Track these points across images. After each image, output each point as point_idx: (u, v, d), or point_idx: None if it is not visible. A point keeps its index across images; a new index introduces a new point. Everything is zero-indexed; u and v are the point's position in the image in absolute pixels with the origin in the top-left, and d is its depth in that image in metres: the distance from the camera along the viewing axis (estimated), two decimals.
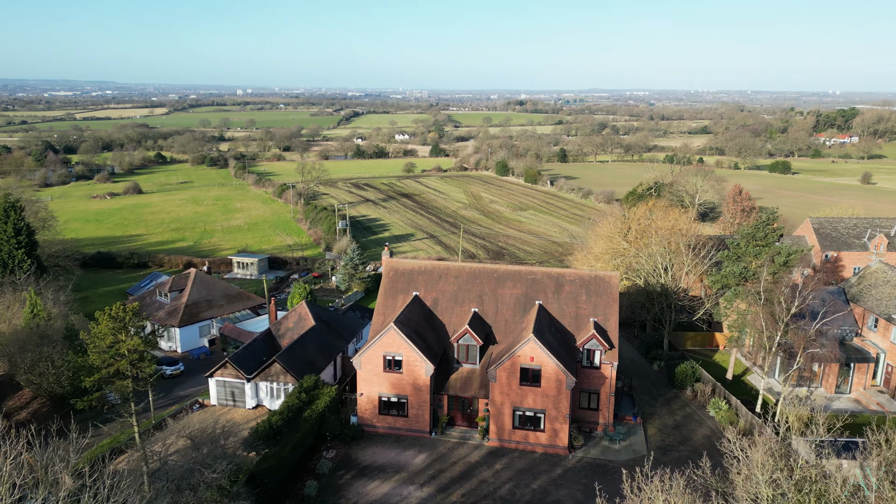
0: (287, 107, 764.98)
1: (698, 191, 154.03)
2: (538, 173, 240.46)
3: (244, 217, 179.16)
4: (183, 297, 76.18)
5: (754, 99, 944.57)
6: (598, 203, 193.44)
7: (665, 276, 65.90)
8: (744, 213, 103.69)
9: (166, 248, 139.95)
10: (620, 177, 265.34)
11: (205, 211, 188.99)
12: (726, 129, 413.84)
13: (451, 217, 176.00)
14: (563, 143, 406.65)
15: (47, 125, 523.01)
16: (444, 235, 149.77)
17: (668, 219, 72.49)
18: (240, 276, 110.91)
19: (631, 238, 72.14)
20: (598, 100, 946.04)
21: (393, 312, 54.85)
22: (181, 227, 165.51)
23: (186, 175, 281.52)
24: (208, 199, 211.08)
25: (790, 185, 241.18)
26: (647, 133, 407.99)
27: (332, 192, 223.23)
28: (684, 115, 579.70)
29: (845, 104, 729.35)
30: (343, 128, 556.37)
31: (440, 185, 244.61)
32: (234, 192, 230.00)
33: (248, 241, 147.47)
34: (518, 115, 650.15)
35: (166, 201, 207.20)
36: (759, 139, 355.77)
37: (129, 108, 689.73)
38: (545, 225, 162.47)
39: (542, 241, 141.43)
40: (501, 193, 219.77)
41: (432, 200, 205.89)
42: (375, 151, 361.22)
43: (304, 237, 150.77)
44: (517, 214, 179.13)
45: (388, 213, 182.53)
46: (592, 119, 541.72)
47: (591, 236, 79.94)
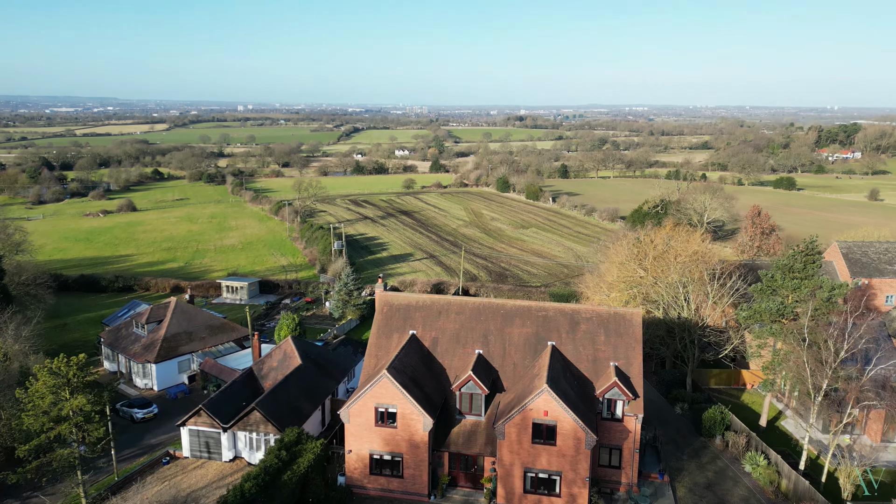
0: (287, 122, 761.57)
1: (707, 209, 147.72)
2: (540, 190, 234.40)
3: (238, 236, 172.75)
4: (161, 330, 69.46)
5: (753, 114, 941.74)
6: (603, 221, 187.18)
7: (688, 309, 59.23)
8: (764, 235, 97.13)
9: (155, 269, 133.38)
10: (623, 193, 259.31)
11: (199, 229, 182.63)
12: (728, 144, 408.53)
13: (451, 235, 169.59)
14: (563, 158, 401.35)
15: (47, 141, 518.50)
16: (444, 255, 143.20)
17: (689, 244, 65.85)
18: (229, 301, 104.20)
19: (648, 265, 65.48)
20: (597, 115, 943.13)
21: (387, 354, 48.19)
22: (173, 246, 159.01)
23: (183, 192, 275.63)
24: (203, 217, 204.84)
25: (797, 201, 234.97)
26: (647, 148, 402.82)
27: (329, 209, 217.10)
28: (684, 131, 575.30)
29: (844, 119, 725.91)
30: (343, 143, 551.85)
31: (440, 201, 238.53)
32: (230, 209, 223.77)
33: (241, 261, 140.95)
34: (518, 130, 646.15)
35: (160, 219, 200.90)
36: (761, 155, 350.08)
37: (129, 123, 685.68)
38: (548, 244, 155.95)
39: (546, 262, 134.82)
40: (503, 210, 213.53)
41: (432, 218, 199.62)
42: (375, 167, 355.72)
43: (298, 257, 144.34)
44: (519, 233, 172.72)
45: (387, 232, 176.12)
46: (592, 134, 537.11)
47: (604, 262, 73.12)
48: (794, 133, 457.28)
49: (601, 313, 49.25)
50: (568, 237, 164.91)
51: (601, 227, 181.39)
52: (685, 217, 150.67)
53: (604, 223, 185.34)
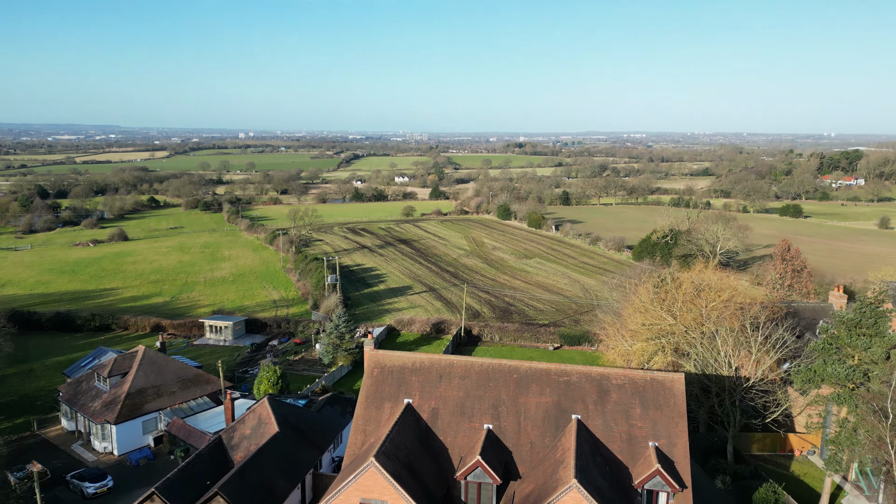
0: (288, 149, 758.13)
1: (719, 239, 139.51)
2: (542, 217, 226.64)
3: (230, 267, 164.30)
4: (125, 384, 60.70)
5: (751, 141, 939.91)
6: (609, 250, 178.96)
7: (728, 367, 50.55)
8: (795, 274, 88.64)
9: (139, 305, 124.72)
10: (628, 221, 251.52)
11: (190, 260, 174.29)
12: (729, 171, 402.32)
13: (451, 266, 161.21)
14: (564, 185, 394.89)
15: (46, 169, 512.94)
16: (444, 288, 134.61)
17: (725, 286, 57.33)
18: (212, 342, 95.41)
19: (677, 311, 56.99)
20: (595, 142, 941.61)
21: (376, 429, 39.53)
22: (161, 278, 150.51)
23: (178, 220, 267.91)
24: (196, 247, 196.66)
25: (806, 229, 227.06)
26: (649, 175, 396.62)
27: (326, 237, 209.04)
28: (684, 157, 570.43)
29: (841, 146, 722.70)
30: (343, 170, 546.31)
31: (440, 229, 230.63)
32: (225, 238, 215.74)
33: (230, 295, 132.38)
34: (518, 157, 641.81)
35: (151, 249, 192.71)
36: (763, 181, 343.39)
37: (130, 151, 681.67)
38: (554, 275, 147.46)
39: (552, 296, 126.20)
40: (504, 239, 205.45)
41: (432, 247, 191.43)
42: (374, 194, 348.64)
43: (291, 290, 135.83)
44: (522, 263, 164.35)
45: (385, 262, 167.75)
46: (592, 161, 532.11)
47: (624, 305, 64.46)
48: (795, 160, 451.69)
49: (635, 379, 40.65)
50: (573, 268, 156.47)
51: (607, 256, 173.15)
52: (696, 247, 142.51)
53: (610, 253, 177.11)
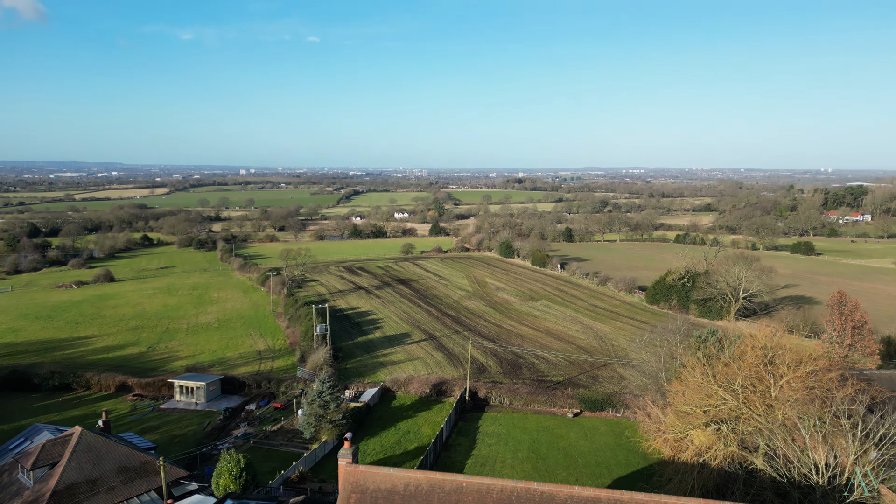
0: (288, 186, 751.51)
1: (742, 282, 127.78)
2: (546, 256, 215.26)
3: (217, 311, 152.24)
4: (52, 479, 48.39)
5: (748, 176, 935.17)
6: (619, 292, 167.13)
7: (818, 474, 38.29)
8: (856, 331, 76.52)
9: (110, 357, 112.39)
10: (634, 259, 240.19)
11: (175, 303, 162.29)
12: (733, 206, 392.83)
13: (453, 309, 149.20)
14: (565, 220, 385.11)
15: (44, 206, 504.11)
16: (445, 336, 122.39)
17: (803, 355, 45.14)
18: (181, 406, 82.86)
19: (738, 387, 44.98)
20: (594, 177, 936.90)
21: None
22: (141, 325, 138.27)
23: (170, 259, 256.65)
24: (184, 288, 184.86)
25: (821, 268, 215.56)
26: (651, 211, 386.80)
27: (322, 277, 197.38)
28: (684, 192, 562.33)
29: (839, 181, 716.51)
30: (342, 206, 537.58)
31: (440, 268, 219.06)
32: (215, 278, 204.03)
33: (212, 344, 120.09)
34: (517, 192, 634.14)
35: (136, 291, 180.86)
36: (769, 217, 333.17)
37: (130, 188, 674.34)
38: (563, 320, 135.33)
39: (564, 345, 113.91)
40: (508, 278, 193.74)
41: (432, 287, 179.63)
42: (373, 231, 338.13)
43: (279, 339, 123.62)
44: (528, 306, 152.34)
45: (382, 305, 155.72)
46: (593, 197, 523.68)
47: (673, 382, 52.11)
48: (799, 195, 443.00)
49: None
50: (583, 312, 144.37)
51: (618, 298, 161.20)
52: (716, 290, 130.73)
53: (621, 294, 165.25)
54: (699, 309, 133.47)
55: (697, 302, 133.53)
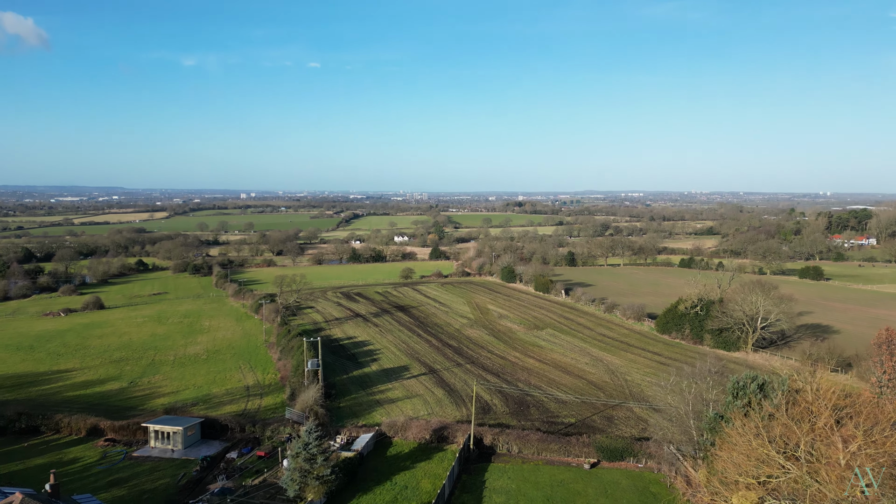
0: (288, 209, 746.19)
1: (760, 311, 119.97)
2: (550, 281, 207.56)
3: (207, 341, 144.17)
4: None
5: (748, 200, 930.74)
6: (627, 319, 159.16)
7: None
8: None
9: (88, 393, 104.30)
10: (640, 284, 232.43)
11: (164, 332, 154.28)
12: (736, 230, 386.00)
13: (454, 339, 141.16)
14: (567, 244, 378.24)
15: (42, 230, 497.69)
16: (446, 369, 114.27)
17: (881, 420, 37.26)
18: (156, 454, 74.53)
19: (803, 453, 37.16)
20: (594, 201, 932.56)
21: None
22: (125, 357, 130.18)
23: (164, 284, 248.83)
24: (175, 316, 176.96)
25: (833, 294, 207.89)
26: (654, 234, 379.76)
27: (319, 304, 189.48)
28: (685, 216, 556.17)
29: (839, 204, 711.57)
30: (342, 230, 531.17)
31: (441, 293, 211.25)
32: (208, 305, 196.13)
33: (198, 379, 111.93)
34: (518, 215, 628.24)
35: (125, 319, 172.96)
36: (773, 241, 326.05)
37: (130, 212, 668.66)
38: (571, 351, 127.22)
39: (573, 380, 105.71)
40: (510, 305, 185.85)
41: (432, 315, 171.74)
42: (372, 255, 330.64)
43: (269, 372, 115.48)
44: (534, 335, 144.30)
45: (380, 334, 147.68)
46: (593, 220, 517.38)
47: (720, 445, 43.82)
48: (801, 219, 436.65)
49: None
50: (592, 342, 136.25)
51: (627, 327, 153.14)
52: (732, 320, 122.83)
53: (629, 322, 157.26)
54: (714, 339, 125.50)
55: (712, 332, 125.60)
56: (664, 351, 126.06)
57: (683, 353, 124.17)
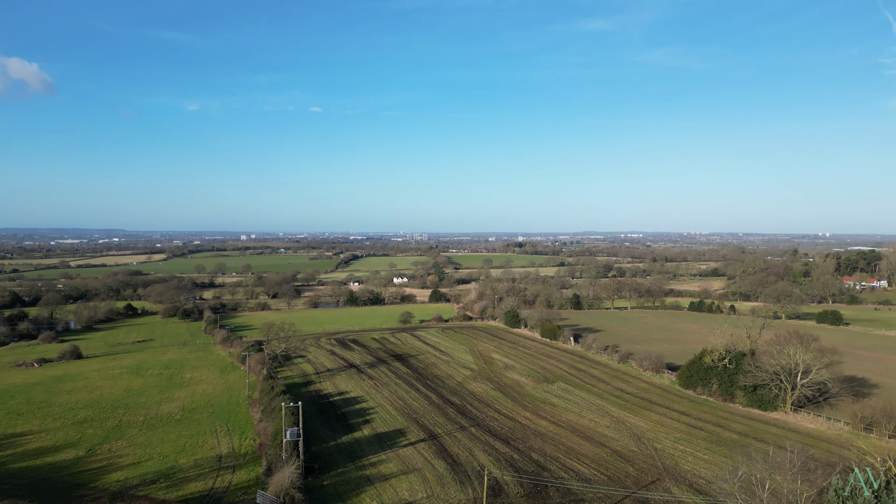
0: (287, 251, 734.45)
1: (799, 365, 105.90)
2: (557, 327, 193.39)
3: (185, 397, 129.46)
4: None
5: (747, 241, 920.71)
6: (645, 371, 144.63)
7: None
8: None
9: (37, 464, 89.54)
10: (651, 329, 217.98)
11: (140, 387, 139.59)
12: (743, 272, 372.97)
13: (456, 394, 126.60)
14: (570, 285, 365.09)
15: (37, 273, 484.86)
16: (448, 434, 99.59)
17: None
18: None
19: None
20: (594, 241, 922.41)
21: None
22: (91, 417, 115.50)
23: (150, 330, 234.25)
24: (155, 367, 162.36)
25: (857, 340, 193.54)
26: (660, 276, 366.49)
27: (311, 352, 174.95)
28: (688, 257, 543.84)
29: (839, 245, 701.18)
30: (341, 271, 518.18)
31: (441, 340, 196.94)
32: (193, 354, 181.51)
33: (166, 446, 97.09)
34: (518, 256, 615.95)
35: (101, 371, 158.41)
36: (783, 283, 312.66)
37: (128, 254, 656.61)
38: (587, 410, 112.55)
39: (595, 448, 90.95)
40: (516, 353, 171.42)
41: (432, 365, 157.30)
42: (370, 298, 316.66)
43: (248, 436, 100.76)
44: (544, 390, 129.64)
45: (375, 388, 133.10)
46: (596, 261, 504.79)
47: None
48: (808, 260, 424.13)
49: None
50: (609, 398, 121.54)
51: (645, 380, 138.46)
52: (768, 376, 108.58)
53: (647, 375, 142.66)
54: (747, 397, 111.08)
55: (745, 389, 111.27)
56: (691, 410, 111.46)
57: (713, 412, 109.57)
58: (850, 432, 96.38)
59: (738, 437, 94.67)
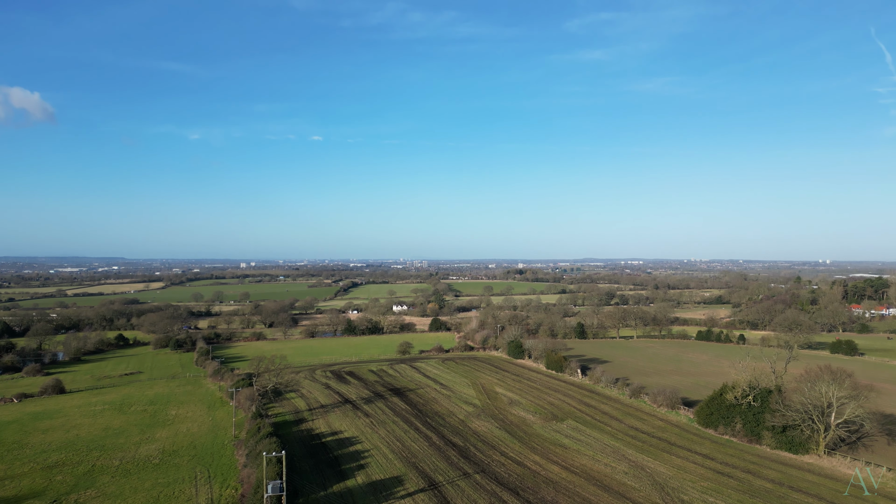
0: (287, 279, 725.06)
1: (833, 404, 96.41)
2: (563, 359, 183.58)
3: (167, 437, 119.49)
4: None
5: (747, 268, 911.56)
6: (659, 407, 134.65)
7: None
8: None
9: None
10: (660, 360, 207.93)
11: (120, 425, 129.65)
12: (749, 299, 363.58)
13: (458, 434, 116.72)
14: (573, 313, 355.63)
15: (33, 302, 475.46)
16: (450, 482, 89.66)
17: None
18: None
19: None
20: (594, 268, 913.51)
21: None
22: (63, 460, 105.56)
23: (140, 362, 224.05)
24: (140, 403, 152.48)
25: (877, 372, 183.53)
26: (664, 304, 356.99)
27: (305, 386, 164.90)
28: (690, 284, 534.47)
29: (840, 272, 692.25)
30: (340, 299, 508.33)
31: (442, 372, 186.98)
32: (182, 388, 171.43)
33: (139, 497, 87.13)
34: (519, 283, 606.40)
35: (82, 407, 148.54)
36: (791, 311, 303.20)
37: (126, 282, 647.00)
38: (601, 453, 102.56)
39: (615, 501, 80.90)
40: (521, 387, 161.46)
41: (432, 400, 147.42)
42: (368, 327, 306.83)
43: (230, 484, 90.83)
44: (553, 429, 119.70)
45: (371, 427, 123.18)
46: (598, 288, 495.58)
47: None
48: (814, 288, 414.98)
49: None
50: (624, 439, 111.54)
51: (660, 417, 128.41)
52: (798, 415, 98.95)
53: (661, 411, 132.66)
54: (776, 439, 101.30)
55: (773, 429, 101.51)
56: (715, 453, 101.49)
57: (740, 456, 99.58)
58: (894, 479, 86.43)
59: (772, 487, 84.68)
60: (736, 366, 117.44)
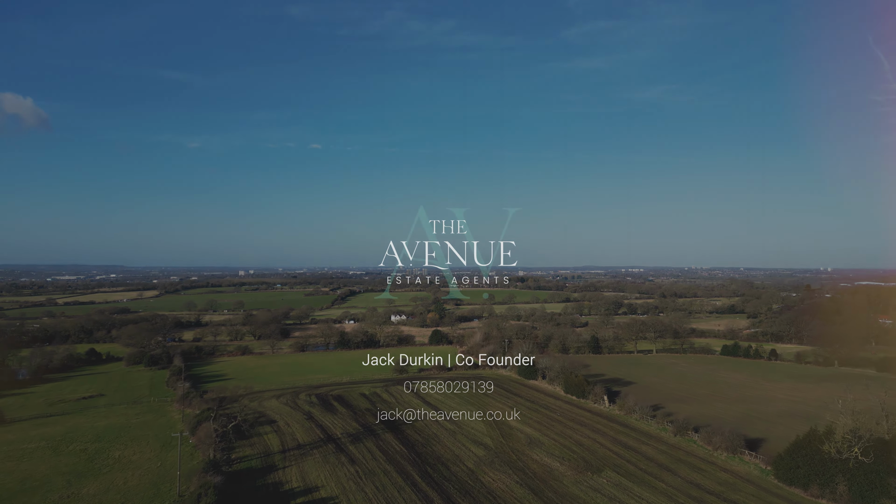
0: (284, 286, 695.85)
1: None
2: (586, 381, 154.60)
3: (95, 493, 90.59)
4: None
5: (749, 275, 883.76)
6: (714, 450, 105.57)
7: None
8: None
9: None
10: (692, 381, 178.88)
11: (45, 473, 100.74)
12: (768, 309, 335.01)
13: (468, 493, 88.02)
14: (580, 323, 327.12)
15: (20, 311, 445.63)
16: None
17: None
18: None
19: None
20: (595, 276, 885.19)
21: None
22: None
23: (106, 382, 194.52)
24: (84, 439, 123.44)
25: None
26: (678, 314, 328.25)
27: (283, 415, 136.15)
28: (698, 293, 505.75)
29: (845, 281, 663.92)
30: (336, 308, 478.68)
31: (444, 398, 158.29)
32: (140, 417, 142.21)
33: None
34: (521, 291, 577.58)
35: (13, 444, 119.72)
36: (815, 322, 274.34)
37: (120, 291, 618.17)
38: None
39: None
40: (540, 420, 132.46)
41: (433, 438, 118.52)
42: (363, 339, 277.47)
43: None
44: (589, 486, 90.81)
45: (356, 481, 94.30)
46: (603, 297, 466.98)
47: None
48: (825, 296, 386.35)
49: None
50: (685, 501, 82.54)
51: (721, 465, 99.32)
52: None
53: (721, 456, 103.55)
54: None
55: None
56: None
57: None
58: None
59: None
60: (841, 403, 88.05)
